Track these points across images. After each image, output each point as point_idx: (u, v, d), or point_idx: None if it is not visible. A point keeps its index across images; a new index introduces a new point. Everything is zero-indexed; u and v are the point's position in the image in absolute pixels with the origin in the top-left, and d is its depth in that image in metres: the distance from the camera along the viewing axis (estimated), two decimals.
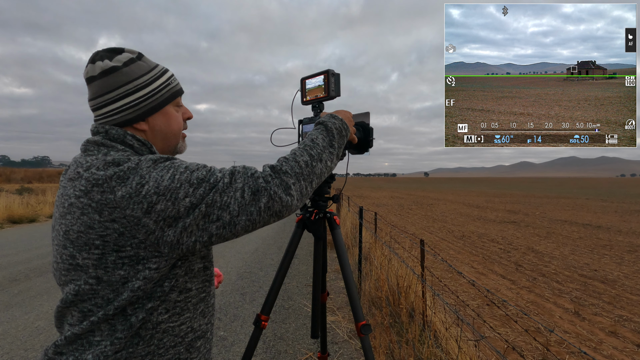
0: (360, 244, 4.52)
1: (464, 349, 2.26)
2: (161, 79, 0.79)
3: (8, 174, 39.93)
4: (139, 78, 0.76)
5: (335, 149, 0.88)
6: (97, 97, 0.74)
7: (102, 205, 0.64)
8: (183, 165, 0.69)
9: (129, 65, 0.75)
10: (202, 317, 0.81)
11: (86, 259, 0.67)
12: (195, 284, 0.79)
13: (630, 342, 3.54)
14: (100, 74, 0.73)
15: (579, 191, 39.67)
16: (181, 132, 0.86)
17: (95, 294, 0.68)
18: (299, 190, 0.74)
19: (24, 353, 2.66)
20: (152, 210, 0.64)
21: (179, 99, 0.84)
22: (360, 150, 1.33)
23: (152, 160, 0.68)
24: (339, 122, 0.93)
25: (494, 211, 16.94)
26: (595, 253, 7.59)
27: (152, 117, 0.78)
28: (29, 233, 8.32)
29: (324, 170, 0.82)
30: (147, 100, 0.76)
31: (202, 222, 0.66)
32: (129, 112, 0.75)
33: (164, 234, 0.65)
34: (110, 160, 0.68)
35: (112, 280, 0.67)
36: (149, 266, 0.67)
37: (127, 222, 0.64)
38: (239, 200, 0.68)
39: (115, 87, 0.73)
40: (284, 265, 1.30)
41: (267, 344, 2.84)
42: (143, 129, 0.78)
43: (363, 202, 19.88)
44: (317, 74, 1.22)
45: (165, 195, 0.65)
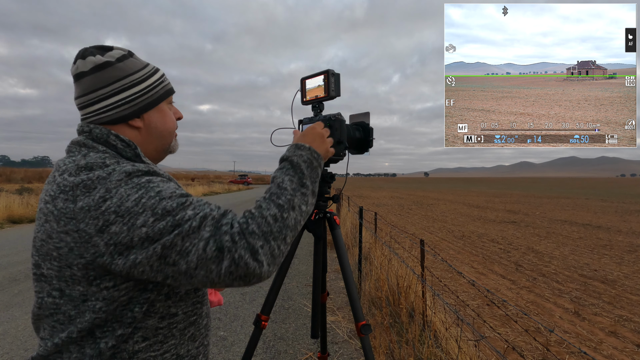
0: (360, 244, 4.52)
1: (464, 349, 2.26)
2: (155, 76, 0.77)
3: (8, 174, 39.92)
4: (135, 73, 0.73)
5: (309, 187, 0.75)
6: (88, 93, 0.70)
7: (61, 214, 0.60)
8: (156, 189, 0.62)
9: (122, 60, 0.72)
10: (191, 342, 0.74)
11: (50, 269, 0.63)
12: (182, 308, 0.71)
13: (630, 342, 3.54)
14: (93, 69, 0.70)
15: (578, 191, 39.68)
16: (175, 130, 0.82)
17: (57, 309, 0.63)
18: (269, 253, 0.62)
19: (24, 353, 2.66)
20: (106, 230, 0.58)
21: (171, 97, 0.81)
22: (360, 150, 1.33)
23: (125, 173, 0.62)
24: (307, 152, 0.80)
25: (494, 211, 16.94)
26: (595, 253, 7.59)
27: (148, 114, 0.75)
28: (29, 233, 8.31)
29: (299, 218, 0.70)
30: (144, 96, 0.74)
31: (156, 264, 0.59)
32: (124, 107, 0.71)
33: (113, 262, 0.59)
34: (83, 165, 0.63)
35: (72, 295, 0.62)
36: (105, 285, 0.61)
37: (78, 236, 0.59)
38: (200, 252, 0.59)
39: (110, 82, 0.70)
40: (284, 265, 1.30)
41: (267, 344, 2.84)
42: (138, 126, 0.74)
43: (363, 202, 19.89)
44: (317, 74, 1.22)
45: (123, 217, 0.58)
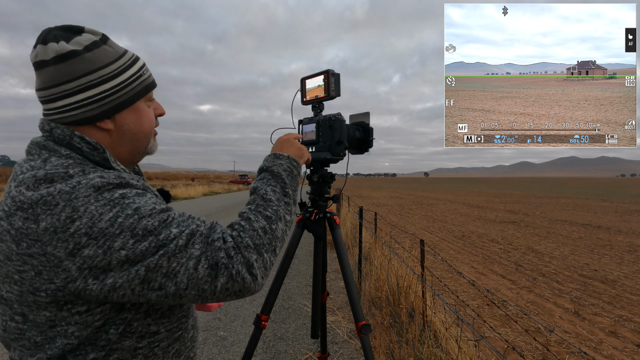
0: (360, 244, 4.52)
1: (464, 349, 2.26)
2: (132, 69, 0.65)
3: (8, 174, 39.94)
4: (106, 67, 0.61)
5: (291, 196, 0.75)
6: (50, 87, 0.59)
7: (21, 235, 0.53)
8: (133, 206, 0.55)
9: (91, 50, 0.60)
10: (175, 358, 0.68)
11: (9, 292, 0.55)
12: (165, 325, 0.65)
13: (630, 342, 3.54)
14: (55, 59, 0.58)
15: (578, 191, 39.68)
16: (153, 130, 0.72)
17: (22, 335, 0.56)
18: (263, 266, 0.61)
19: None
20: (78, 253, 0.51)
21: (151, 93, 0.70)
22: (360, 150, 1.33)
23: (93, 188, 0.54)
24: (285, 160, 0.80)
25: (494, 211, 16.94)
26: (595, 253, 7.59)
27: (120, 115, 0.64)
28: None
29: (285, 229, 0.70)
30: (116, 95, 0.62)
31: (138, 288, 0.54)
32: (90, 107, 0.61)
33: (87, 286, 0.52)
34: (41, 177, 0.54)
35: (37, 321, 0.55)
36: (77, 310, 0.55)
37: (46, 260, 0.52)
38: (191, 271, 0.55)
39: (75, 76, 0.59)
40: (284, 265, 1.30)
41: (267, 344, 2.84)
42: (108, 128, 0.64)
43: (363, 202, 19.89)
44: (317, 74, 1.22)
45: (97, 239, 0.52)
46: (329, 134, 1.17)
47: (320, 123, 1.19)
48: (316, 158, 1.21)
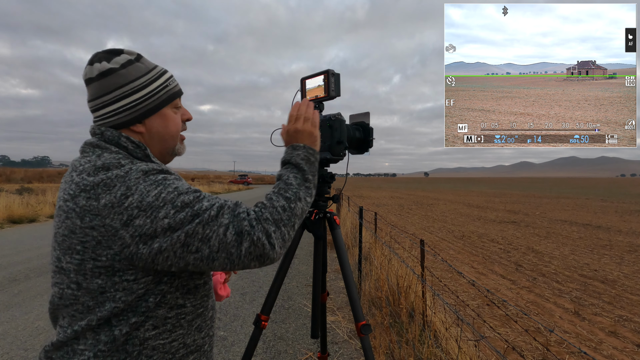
0: (360, 244, 4.52)
1: (464, 349, 2.26)
2: (159, 81, 0.79)
3: (8, 174, 39.92)
4: (136, 80, 0.76)
5: (311, 181, 0.86)
6: (95, 98, 0.75)
7: (84, 211, 0.65)
8: (173, 185, 0.68)
9: (126, 67, 0.75)
10: (197, 332, 0.79)
11: (69, 263, 0.68)
12: (191, 300, 0.77)
13: (630, 342, 3.54)
14: (98, 76, 0.74)
15: (578, 191, 39.67)
16: (179, 134, 0.85)
17: (76, 300, 0.68)
18: (281, 237, 0.72)
19: (24, 353, 2.66)
20: (131, 224, 0.64)
21: (177, 100, 0.83)
22: (360, 150, 1.33)
23: (142, 172, 0.68)
24: (303, 150, 0.89)
25: (494, 211, 16.94)
26: (595, 253, 7.59)
27: (149, 120, 0.78)
28: (29, 233, 8.31)
29: (304, 207, 0.81)
30: (144, 103, 0.76)
31: (180, 251, 0.66)
32: (125, 114, 0.75)
33: (138, 250, 0.65)
34: (100, 165, 0.69)
35: (90, 288, 0.67)
36: (127, 278, 0.67)
37: (105, 231, 0.65)
38: (221, 237, 0.67)
39: (112, 89, 0.74)
40: (284, 265, 1.30)
41: (267, 344, 2.84)
42: (140, 131, 0.78)
43: (363, 202, 19.88)
44: (317, 74, 1.22)
45: (146, 211, 0.64)
46: (329, 134, 1.17)
47: (320, 123, 1.19)
48: None
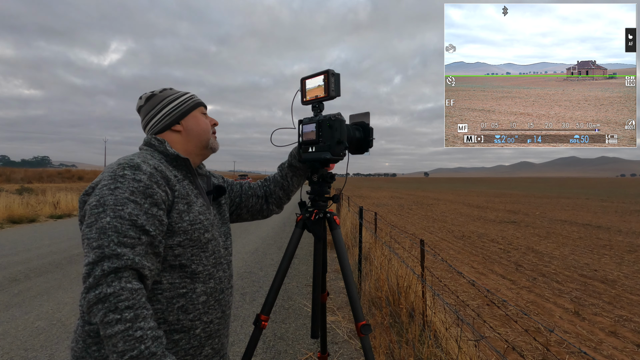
0: (360, 244, 4.52)
1: (464, 349, 2.26)
2: (186, 95, 1.06)
3: (8, 174, 39.91)
4: (170, 96, 1.04)
5: None
6: (146, 115, 1.03)
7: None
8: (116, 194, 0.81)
9: (162, 91, 1.05)
10: (182, 313, 0.87)
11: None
12: (167, 278, 0.87)
13: (630, 342, 3.54)
14: (145, 100, 1.04)
15: (579, 191, 39.68)
16: (210, 130, 1.08)
17: None
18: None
19: (24, 353, 2.66)
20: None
21: (202, 108, 1.08)
22: (360, 150, 1.33)
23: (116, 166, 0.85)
24: None
25: (494, 211, 16.94)
26: (595, 253, 7.59)
27: (185, 120, 1.03)
28: (29, 233, 8.31)
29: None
30: (178, 108, 1.03)
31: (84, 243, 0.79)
32: (167, 118, 1.02)
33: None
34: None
35: None
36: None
37: None
38: None
39: (155, 104, 1.03)
40: (284, 265, 1.30)
41: (267, 344, 2.84)
42: (179, 130, 1.03)
43: (363, 202, 19.88)
44: (317, 74, 1.22)
45: (96, 195, 0.82)
46: (329, 134, 1.17)
47: (320, 123, 1.19)
48: (316, 158, 1.21)
